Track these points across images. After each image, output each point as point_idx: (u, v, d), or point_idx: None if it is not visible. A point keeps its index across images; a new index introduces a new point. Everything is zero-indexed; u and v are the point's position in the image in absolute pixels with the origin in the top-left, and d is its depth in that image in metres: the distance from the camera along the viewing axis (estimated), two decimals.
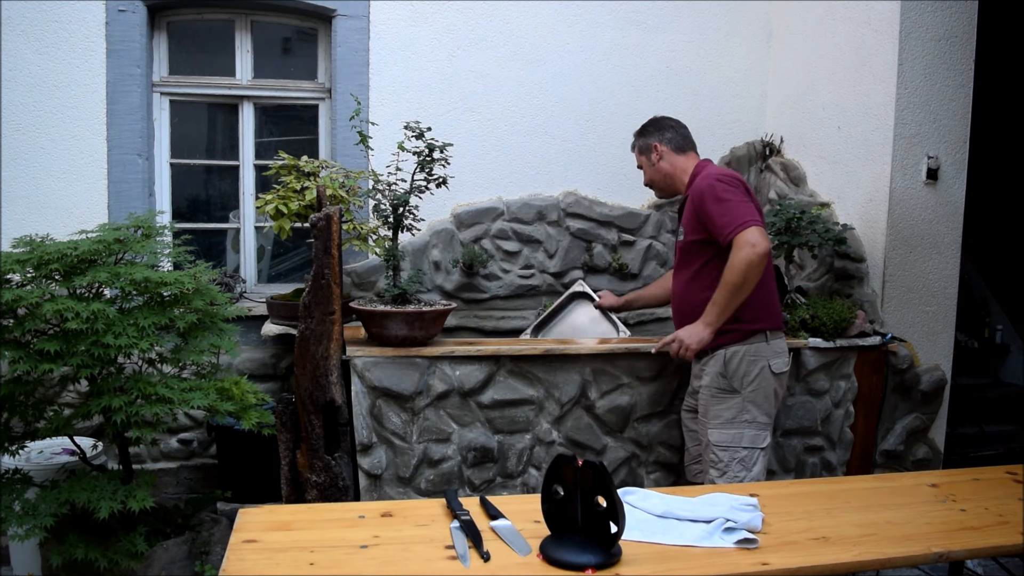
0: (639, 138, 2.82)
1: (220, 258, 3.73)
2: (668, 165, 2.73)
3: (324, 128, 3.68)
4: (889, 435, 3.29)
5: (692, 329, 2.52)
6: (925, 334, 3.33)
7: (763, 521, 1.67)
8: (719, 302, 2.45)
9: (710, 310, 2.48)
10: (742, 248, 2.37)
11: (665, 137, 2.74)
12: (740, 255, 2.37)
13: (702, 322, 2.50)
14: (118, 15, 3.30)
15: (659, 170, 2.75)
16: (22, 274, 2.38)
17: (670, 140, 2.73)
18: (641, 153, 2.81)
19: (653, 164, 2.76)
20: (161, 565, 2.54)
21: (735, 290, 2.41)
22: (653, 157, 2.75)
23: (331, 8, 3.47)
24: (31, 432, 2.52)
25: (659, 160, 2.74)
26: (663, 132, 2.75)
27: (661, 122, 2.79)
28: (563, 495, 1.49)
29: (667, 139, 2.73)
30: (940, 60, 3.22)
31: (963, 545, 1.65)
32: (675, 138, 2.74)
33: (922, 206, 3.26)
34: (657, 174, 2.76)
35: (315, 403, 2.48)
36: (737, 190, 2.47)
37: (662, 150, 2.73)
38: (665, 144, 2.73)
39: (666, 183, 2.77)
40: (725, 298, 2.43)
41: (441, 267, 3.54)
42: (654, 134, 2.76)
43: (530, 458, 2.89)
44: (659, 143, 2.73)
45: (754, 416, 2.49)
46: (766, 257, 2.40)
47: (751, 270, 2.38)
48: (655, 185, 2.82)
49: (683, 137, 2.75)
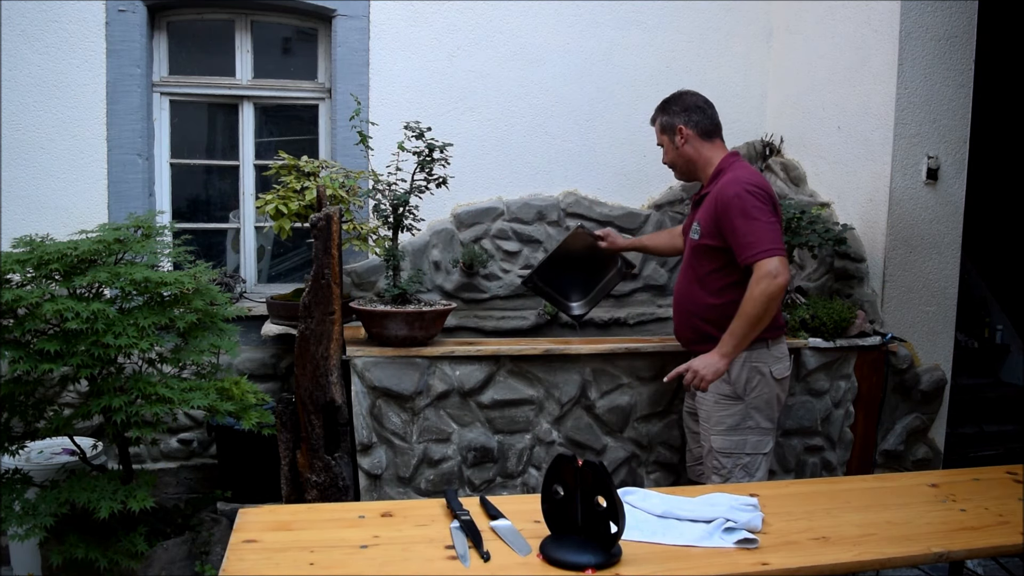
0: (661, 115, 2.61)
1: (220, 258, 3.73)
2: (692, 151, 2.55)
3: (324, 128, 3.68)
4: (889, 435, 3.30)
5: (708, 360, 2.38)
6: (925, 334, 3.33)
7: (763, 521, 1.67)
8: (737, 334, 2.33)
9: (727, 340, 2.35)
10: (763, 279, 2.27)
11: (692, 120, 2.53)
12: (761, 287, 2.27)
13: (718, 353, 2.37)
14: (118, 15, 3.30)
15: (682, 154, 2.56)
16: (22, 274, 2.38)
17: (696, 124, 2.53)
18: (663, 131, 2.60)
19: (676, 147, 2.56)
20: (161, 565, 2.54)
21: (755, 322, 2.31)
22: (677, 140, 2.55)
23: (331, 8, 3.47)
24: (31, 432, 2.52)
25: (683, 144, 2.55)
26: (689, 113, 2.54)
27: (687, 100, 2.57)
28: (563, 495, 1.49)
29: (693, 122, 2.53)
30: (940, 60, 3.22)
31: (963, 545, 1.65)
32: (702, 121, 2.54)
33: (922, 206, 3.26)
34: (679, 158, 2.58)
35: (315, 403, 2.48)
36: (766, 207, 2.34)
37: (687, 134, 2.53)
38: (691, 128, 2.53)
39: (688, 168, 2.60)
40: (743, 329, 2.32)
41: (441, 267, 3.54)
42: (679, 114, 2.55)
43: (530, 458, 2.89)
44: (684, 126, 2.53)
45: (757, 422, 2.46)
46: (785, 288, 2.31)
47: (772, 303, 2.29)
48: (676, 168, 2.64)
49: (711, 121, 2.56)
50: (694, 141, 2.55)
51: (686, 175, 2.66)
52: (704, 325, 2.51)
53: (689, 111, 2.55)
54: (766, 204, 2.35)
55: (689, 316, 2.57)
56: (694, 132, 2.54)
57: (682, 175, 2.68)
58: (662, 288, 3.77)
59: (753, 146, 3.89)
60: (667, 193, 3.78)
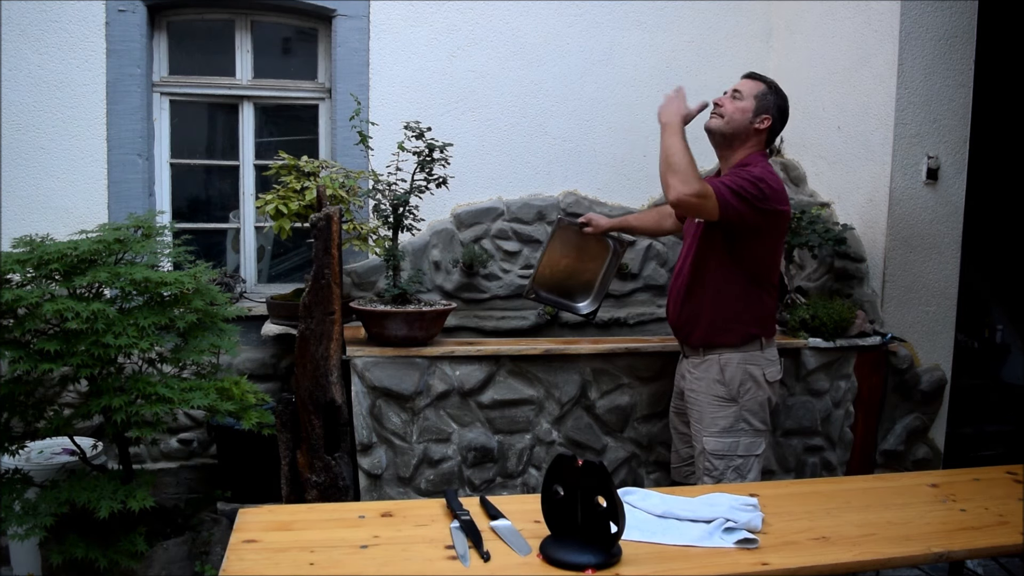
0: (771, 92, 2.49)
1: (220, 258, 3.73)
2: (751, 139, 2.47)
3: (324, 128, 3.68)
4: (889, 435, 3.30)
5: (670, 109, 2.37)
6: (925, 334, 3.33)
7: (763, 521, 1.67)
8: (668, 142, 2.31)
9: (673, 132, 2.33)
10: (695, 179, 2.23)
11: (775, 126, 2.49)
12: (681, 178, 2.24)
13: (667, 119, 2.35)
14: (118, 15, 3.30)
15: (746, 130, 2.46)
16: (22, 274, 2.38)
17: (774, 130, 2.50)
18: (757, 99, 2.47)
19: (749, 121, 2.45)
20: (161, 565, 2.54)
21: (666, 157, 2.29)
22: (757, 121, 2.46)
23: (331, 8, 3.47)
24: (31, 432, 2.52)
25: (755, 127, 2.46)
26: (783, 115, 2.51)
27: (787, 110, 2.52)
28: (563, 495, 1.49)
29: (774, 128, 2.50)
30: (940, 60, 3.22)
31: (963, 545, 1.65)
32: (777, 131, 2.52)
33: (922, 206, 3.26)
34: (740, 128, 2.46)
35: (315, 403, 2.48)
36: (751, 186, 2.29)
37: (765, 127, 2.47)
38: (771, 125, 2.48)
39: (730, 140, 2.48)
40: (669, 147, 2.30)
41: (441, 267, 3.54)
42: (778, 110, 2.48)
43: (530, 458, 2.89)
44: (772, 119, 2.47)
45: (751, 424, 2.46)
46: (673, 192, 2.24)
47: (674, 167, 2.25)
48: (724, 132, 2.48)
49: (778, 134, 2.56)
50: (760, 136, 2.48)
51: (720, 144, 2.52)
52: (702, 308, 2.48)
53: (784, 115, 2.52)
54: (754, 187, 2.30)
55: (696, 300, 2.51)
56: (767, 131, 2.48)
57: (718, 140, 2.52)
58: (662, 288, 3.76)
59: None
60: None
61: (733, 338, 2.45)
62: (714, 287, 2.46)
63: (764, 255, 2.45)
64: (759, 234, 2.38)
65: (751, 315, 2.46)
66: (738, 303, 2.44)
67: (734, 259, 2.41)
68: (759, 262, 2.44)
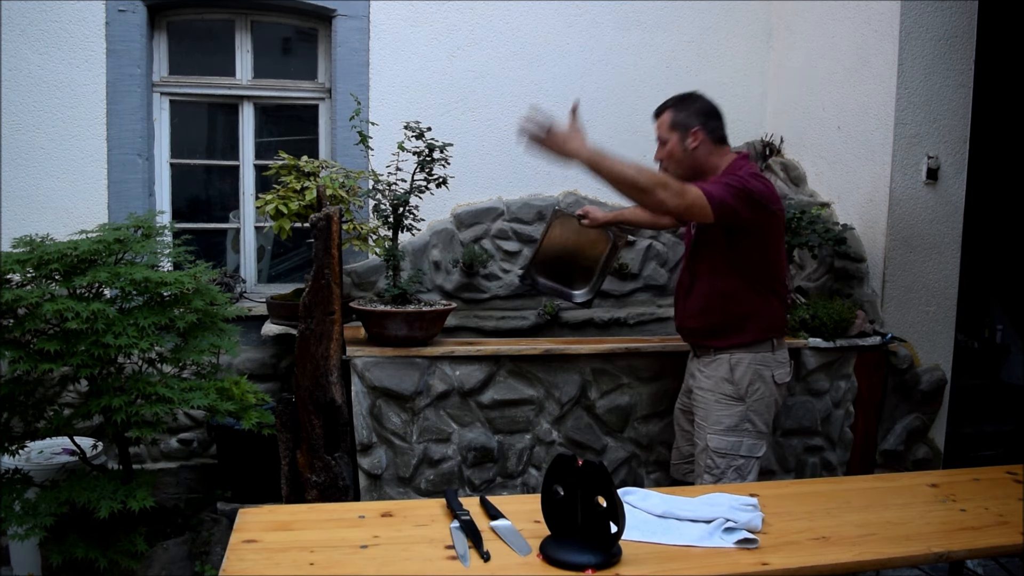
0: (676, 111, 2.47)
1: (220, 258, 3.73)
2: (702, 156, 2.45)
3: (324, 128, 3.68)
4: (889, 435, 3.30)
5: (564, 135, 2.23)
6: (925, 334, 3.33)
7: (763, 521, 1.67)
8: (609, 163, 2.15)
9: (599, 151, 2.17)
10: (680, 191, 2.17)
11: (710, 126, 2.44)
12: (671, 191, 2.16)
13: (584, 147, 2.18)
14: (118, 15, 3.30)
15: (692, 156, 2.45)
16: (22, 274, 2.38)
17: (713, 130, 2.45)
18: (674, 128, 2.46)
19: (686, 148, 2.44)
20: (161, 565, 2.54)
21: (627, 179, 2.14)
22: (688, 141, 2.43)
23: (331, 8, 3.47)
24: (31, 432, 2.52)
25: (695, 146, 2.44)
26: (708, 118, 2.45)
27: (706, 103, 2.47)
28: (563, 495, 1.49)
29: (711, 128, 2.44)
30: (940, 60, 3.22)
31: (963, 545, 1.64)
32: (718, 129, 2.46)
33: (922, 206, 3.26)
34: (687, 159, 2.45)
35: (315, 403, 2.48)
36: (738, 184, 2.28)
37: (702, 138, 2.43)
38: (707, 133, 2.43)
39: (691, 171, 2.45)
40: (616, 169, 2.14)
41: (441, 267, 3.54)
42: (697, 116, 2.44)
43: (530, 458, 2.89)
44: (702, 129, 2.43)
45: (755, 425, 2.45)
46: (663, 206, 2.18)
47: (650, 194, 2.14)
48: (679, 166, 2.47)
49: (723, 129, 2.49)
50: (706, 146, 2.46)
51: (684, 176, 2.45)
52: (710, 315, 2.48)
53: (708, 116, 2.47)
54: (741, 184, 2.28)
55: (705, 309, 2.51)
56: (709, 138, 2.45)
57: (682, 176, 2.45)
58: (662, 288, 3.77)
59: (753, 146, 3.89)
60: None
61: (745, 338, 2.44)
62: (720, 289, 2.46)
63: (761, 257, 2.43)
64: (753, 235, 2.37)
65: (762, 316, 2.44)
66: (750, 305, 2.43)
67: (733, 262, 2.41)
68: (758, 264, 2.43)
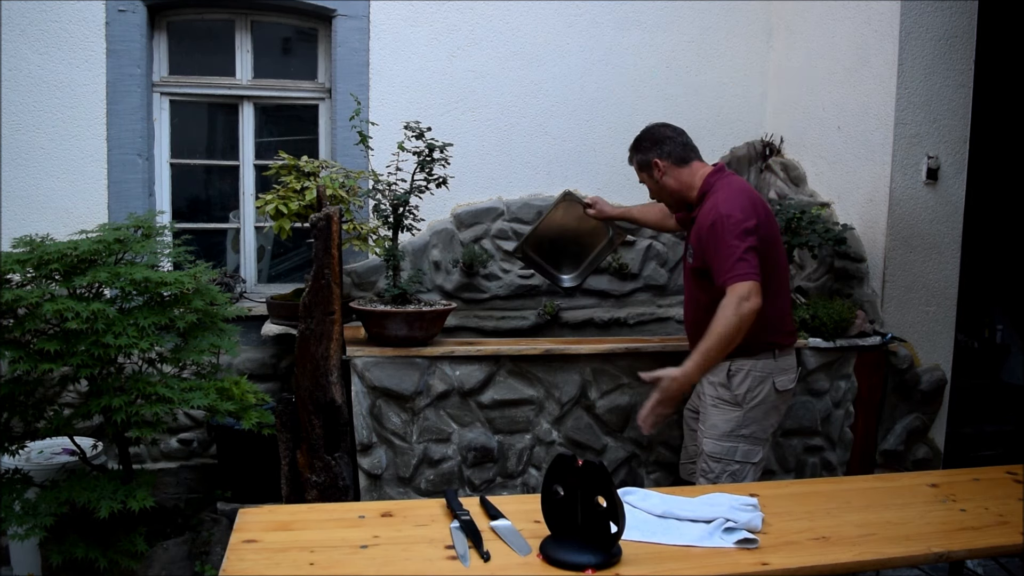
0: (636, 153, 2.62)
1: (220, 258, 3.73)
2: (673, 181, 2.54)
3: (324, 128, 3.68)
4: (889, 435, 3.30)
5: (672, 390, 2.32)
6: (925, 334, 3.33)
7: (763, 521, 1.67)
8: (705, 352, 2.29)
9: (695, 357, 2.30)
10: (733, 301, 2.25)
11: (664, 151, 2.54)
12: (731, 308, 2.25)
13: (683, 375, 2.30)
14: (118, 15, 3.30)
15: (664, 186, 2.57)
16: (22, 274, 2.39)
17: (669, 153, 2.53)
18: (641, 169, 2.62)
19: (657, 181, 2.57)
20: (161, 565, 2.54)
21: (724, 343, 2.27)
22: (656, 174, 2.56)
23: (331, 8, 3.47)
24: (31, 432, 2.52)
25: (662, 176, 2.55)
26: (661, 145, 2.54)
27: (657, 133, 2.58)
28: (563, 495, 1.49)
29: (666, 152, 2.53)
30: (940, 60, 3.22)
31: (963, 545, 1.65)
32: (675, 150, 2.54)
33: (922, 206, 3.26)
34: (663, 191, 2.59)
35: (315, 403, 2.49)
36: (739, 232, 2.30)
37: (663, 166, 2.54)
38: (665, 159, 2.53)
39: (674, 199, 2.60)
40: (713, 349, 2.28)
41: (441, 267, 3.54)
42: (651, 149, 2.56)
43: (530, 458, 2.89)
44: (659, 158, 2.54)
45: (751, 431, 2.44)
46: (755, 312, 2.28)
47: (743, 323, 2.26)
48: (663, 200, 2.66)
49: (683, 146, 2.56)
50: (671, 171, 2.54)
51: (675, 205, 2.64)
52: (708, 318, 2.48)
53: (660, 143, 2.55)
54: (742, 229, 2.31)
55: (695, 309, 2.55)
56: (669, 162, 2.53)
57: (672, 206, 2.67)
58: (662, 288, 3.77)
59: (753, 146, 3.89)
60: None
61: (744, 346, 2.39)
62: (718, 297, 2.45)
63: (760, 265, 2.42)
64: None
65: (763, 327, 2.40)
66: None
67: None
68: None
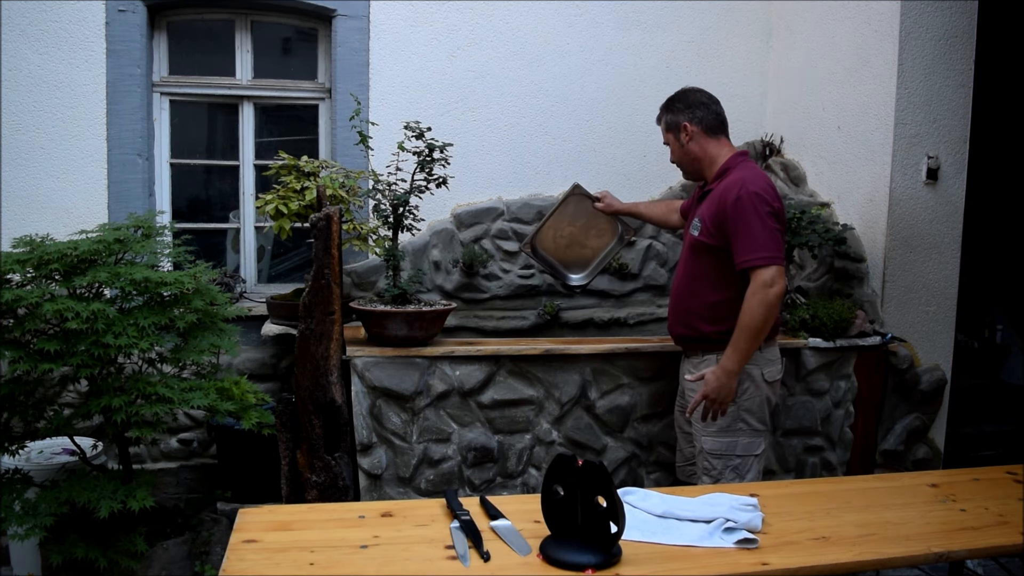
0: (666, 113, 2.58)
1: (220, 258, 3.73)
2: (698, 148, 2.51)
3: (324, 128, 3.68)
4: (889, 435, 3.30)
5: (717, 384, 2.34)
6: (925, 334, 3.33)
7: (763, 521, 1.67)
8: (739, 347, 2.31)
9: (730, 355, 2.32)
10: (759, 289, 2.26)
11: (696, 116, 2.50)
12: (758, 297, 2.27)
13: (723, 369, 2.33)
14: (118, 15, 3.30)
15: (688, 152, 2.53)
16: (22, 274, 2.39)
17: (701, 120, 2.50)
18: (668, 130, 2.58)
19: (682, 145, 2.53)
20: (161, 565, 2.54)
21: (755, 333, 2.30)
22: (682, 137, 2.52)
23: (331, 8, 3.47)
24: (31, 432, 2.52)
25: (688, 141, 2.51)
26: (694, 110, 2.51)
27: (691, 97, 2.54)
28: (563, 495, 1.49)
29: (698, 118, 2.50)
30: (940, 60, 3.22)
31: (963, 545, 1.65)
32: (707, 117, 2.50)
33: (922, 206, 3.26)
34: (686, 156, 2.55)
35: (315, 403, 2.49)
36: (769, 212, 2.31)
37: (692, 131, 2.50)
38: (696, 124, 2.50)
39: (694, 167, 2.57)
40: (745, 341, 2.30)
41: (441, 267, 3.54)
42: (684, 111, 2.52)
43: (530, 458, 2.89)
44: (689, 122, 2.50)
45: (749, 424, 2.45)
46: (781, 297, 2.30)
47: (770, 312, 2.28)
48: (682, 166, 2.62)
49: (716, 116, 2.52)
50: (699, 138, 2.51)
51: (693, 174, 2.62)
52: (699, 322, 2.50)
53: (694, 107, 2.52)
54: (769, 209, 2.32)
55: (685, 313, 2.55)
56: (699, 128, 2.50)
57: (689, 174, 2.65)
58: (662, 288, 3.77)
59: (753, 146, 3.89)
60: (667, 193, 3.78)
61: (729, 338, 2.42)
62: (711, 294, 2.47)
63: None
64: None
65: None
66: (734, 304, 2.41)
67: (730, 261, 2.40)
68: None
